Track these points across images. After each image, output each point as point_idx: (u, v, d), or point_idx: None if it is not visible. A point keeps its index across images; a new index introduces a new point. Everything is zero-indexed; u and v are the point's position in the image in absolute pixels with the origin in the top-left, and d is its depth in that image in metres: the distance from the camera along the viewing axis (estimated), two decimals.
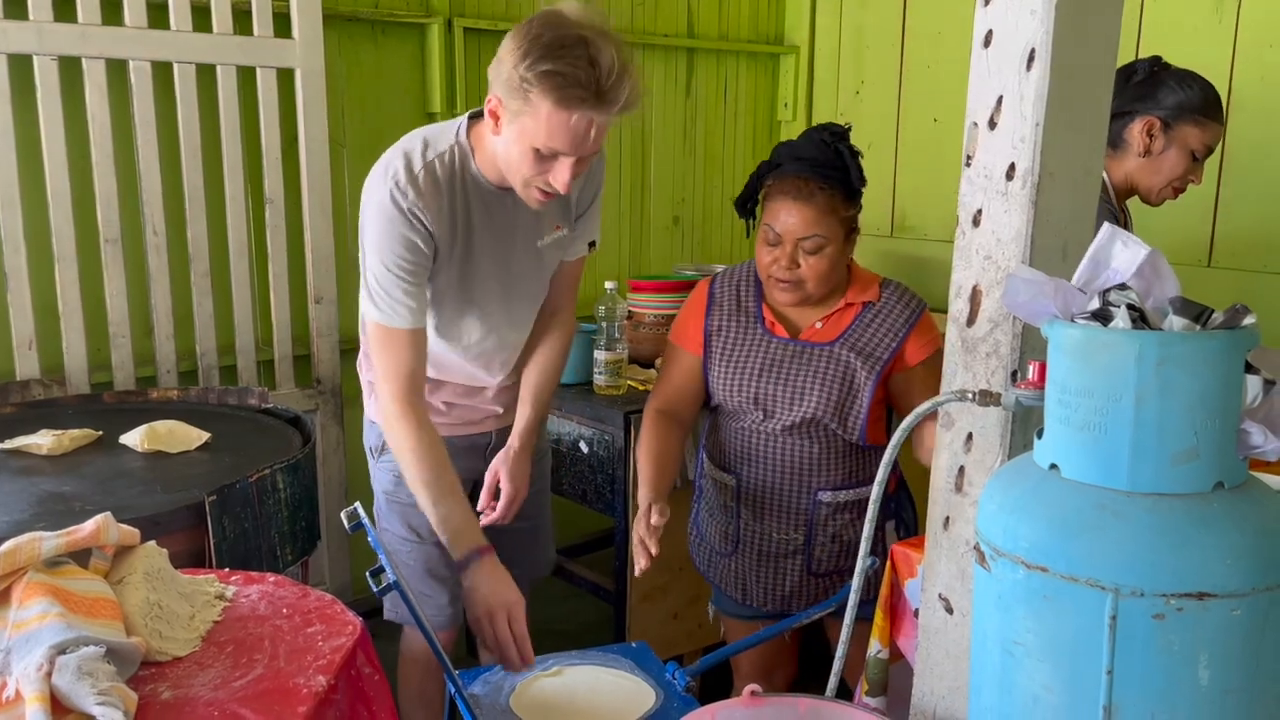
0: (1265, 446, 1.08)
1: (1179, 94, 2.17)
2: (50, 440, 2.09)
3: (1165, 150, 2.18)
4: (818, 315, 2.01)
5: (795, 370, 1.98)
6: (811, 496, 2.03)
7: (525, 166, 1.70)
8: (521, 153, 1.68)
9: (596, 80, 1.60)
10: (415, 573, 2.08)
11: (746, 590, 2.13)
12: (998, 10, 1.33)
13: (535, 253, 1.95)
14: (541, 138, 1.64)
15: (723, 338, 2.05)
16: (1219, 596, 1.03)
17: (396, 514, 2.07)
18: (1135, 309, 1.09)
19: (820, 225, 1.89)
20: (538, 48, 1.59)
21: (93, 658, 1.15)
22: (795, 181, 1.90)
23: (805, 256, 1.91)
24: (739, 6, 3.97)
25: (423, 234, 1.77)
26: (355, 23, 3.03)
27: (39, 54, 2.44)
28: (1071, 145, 1.33)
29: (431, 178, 1.77)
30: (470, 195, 1.83)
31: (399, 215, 1.75)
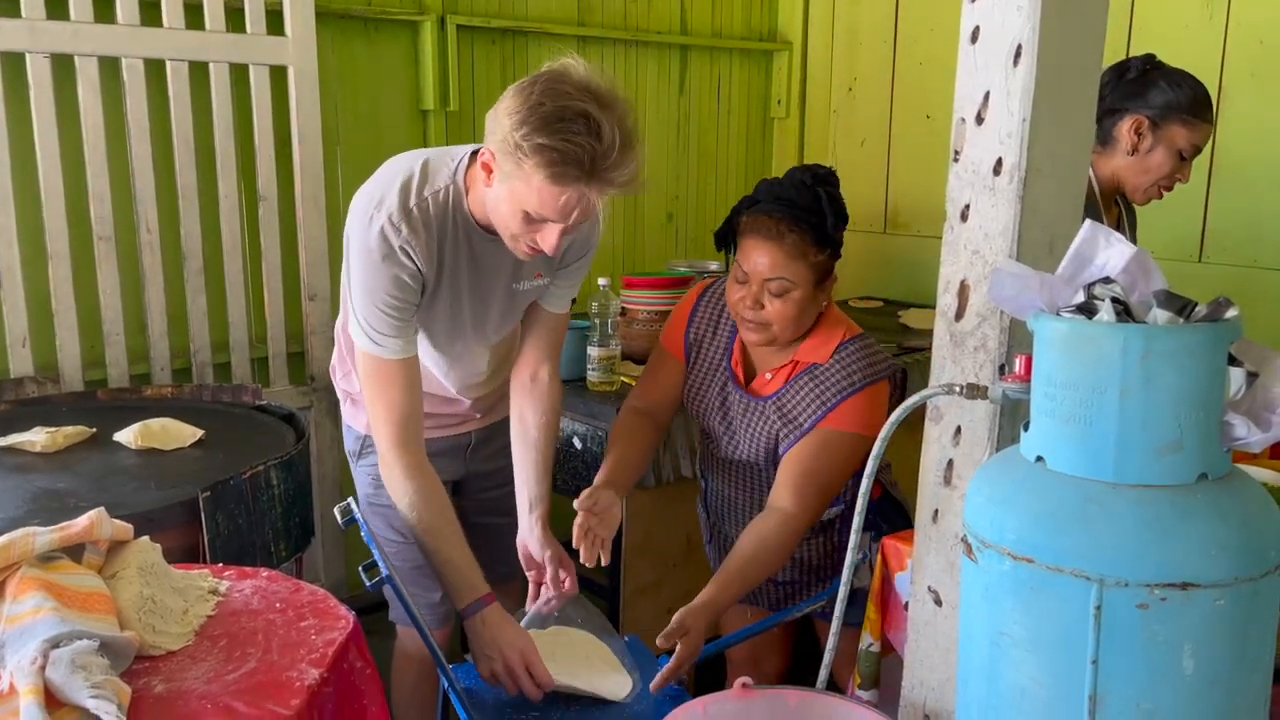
0: (1249, 438, 1.10)
1: (1168, 94, 2.18)
2: (44, 437, 2.10)
3: (1153, 149, 2.20)
4: (773, 364, 1.96)
5: (737, 416, 2.00)
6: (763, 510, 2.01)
7: (514, 225, 1.66)
8: (511, 212, 1.64)
9: (594, 160, 1.54)
10: (403, 573, 2.07)
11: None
12: (985, 6, 1.34)
13: (513, 294, 1.92)
14: (532, 205, 1.60)
15: (697, 353, 2.04)
16: (1202, 587, 1.04)
17: (379, 517, 2.06)
18: (1120, 302, 1.10)
19: (787, 269, 1.81)
20: (536, 117, 1.53)
21: (86, 651, 1.15)
22: (767, 221, 1.83)
23: (771, 299, 1.83)
24: (732, 3, 3.98)
25: (411, 271, 1.74)
26: (348, 20, 3.03)
27: (31, 51, 2.44)
28: (1058, 140, 1.34)
29: (424, 216, 1.74)
30: (459, 235, 1.79)
31: (390, 252, 1.71)
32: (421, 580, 2.09)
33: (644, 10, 3.71)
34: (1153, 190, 2.25)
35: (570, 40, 3.52)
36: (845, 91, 3.98)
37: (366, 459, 2.07)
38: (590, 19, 3.57)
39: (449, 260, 1.80)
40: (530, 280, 1.92)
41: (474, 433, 2.14)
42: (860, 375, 1.88)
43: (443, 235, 1.76)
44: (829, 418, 1.87)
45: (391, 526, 2.05)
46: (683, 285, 3.00)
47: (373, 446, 1.97)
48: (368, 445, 2.05)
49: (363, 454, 2.09)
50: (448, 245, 1.78)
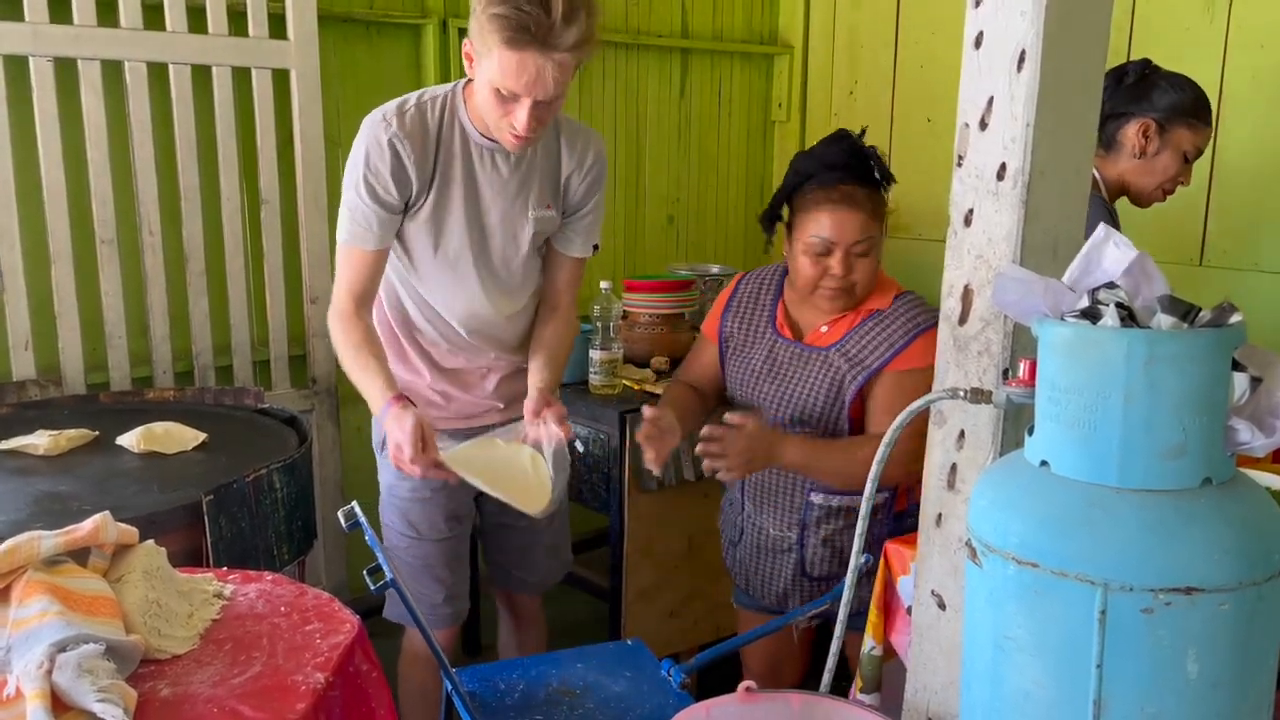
0: (1252, 442, 1.10)
1: (1173, 96, 2.19)
2: (47, 440, 2.10)
3: (1159, 152, 2.21)
4: (828, 318, 2.03)
5: (791, 371, 2.03)
6: (804, 496, 2.05)
7: (491, 108, 1.79)
8: (487, 95, 1.78)
9: (543, 24, 1.68)
10: (412, 570, 2.10)
11: (749, 581, 2.18)
12: (988, 11, 1.35)
13: (513, 221, 1.98)
14: (497, 78, 1.74)
15: (736, 335, 2.12)
16: (1206, 591, 1.05)
17: (396, 509, 2.10)
18: (1124, 307, 1.10)
19: (870, 228, 1.93)
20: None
21: (92, 655, 1.16)
22: (841, 190, 1.91)
23: (856, 260, 1.94)
24: (733, 7, 3.98)
25: (396, 165, 1.87)
26: (350, 23, 3.03)
27: (34, 55, 2.44)
28: (1062, 145, 1.34)
29: (420, 116, 1.89)
30: (455, 141, 1.92)
31: (380, 143, 1.87)
32: (427, 581, 2.10)
33: (645, 13, 3.72)
34: (1157, 194, 2.26)
35: None
36: (846, 95, 3.99)
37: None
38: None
39: (442, 163, 1.91)
40: (540, 209, 1.99)
41: (495, 426, 2.14)
42: (924, 318, 1.97)
43: (439, 136, 1.91)
44: (900, 358, 1.95)
45: (408, 520, 2.09)
46: (684, 288, 3.01)
47: None
48: None
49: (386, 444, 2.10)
50: (442, 147, 1.91)
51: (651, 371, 2.86)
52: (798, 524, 2.06)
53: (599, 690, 1.76)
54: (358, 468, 3.12)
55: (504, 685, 1.77)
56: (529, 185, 1.97)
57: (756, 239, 4.23)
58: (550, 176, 2.00)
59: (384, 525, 2.14)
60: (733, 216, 4.15)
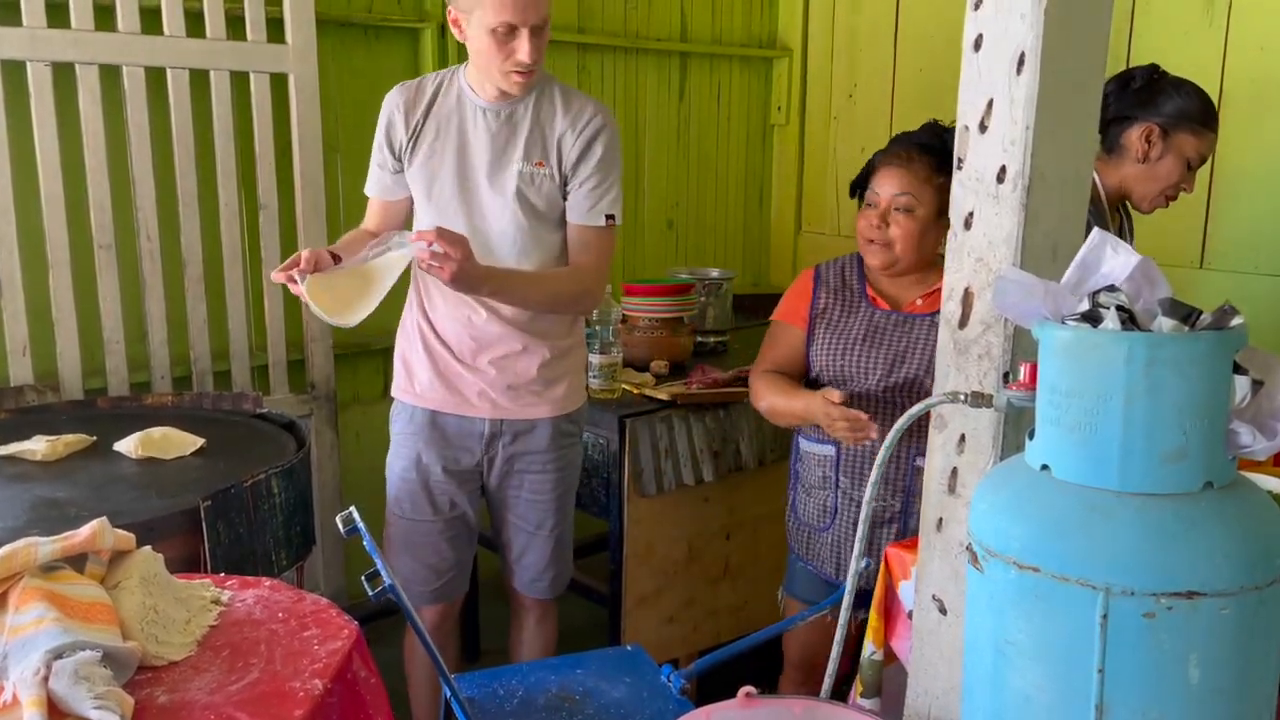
0: (1254, 446, 1.09)
1: (1179, 102, 2.18)
2: (44, 446, 2.09)
3: (1163, 157, 2.20)
4: (918, 293, 2.10)
5: (897, 337, 2.08)
6: (909, 462, 2.05)
7: (493, 53, 1.95)
8: (485, 42, 1.95)
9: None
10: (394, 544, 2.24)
11: (841, 563, 2.15)
12: (987, 14, 1.34)
13: (502, 175, 2.08)
14: (493, 17, 1.91)
15: (828, 314, 2.15)
16: (1208, 595, 1.04)
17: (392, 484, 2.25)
18: (1124, 310, 1.09)
19: (913, 188, 2.01)
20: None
21: (89, 662, 1.15)
22: (899, 152, 2.06)
23: (895, 215, 2.02)
24: (732, 10, 3.98)
25: (390, 124, 2.13)
26: (348, 27, 3.03)
27: (32, 60, 2.44)
28: (1061, 148, 1.34)
29: (420, 84, 2.14)
30: (451, 97, 2.11)
31: (386, 105, 2.15)
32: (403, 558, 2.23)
33: (644, 17, 3.72)
34: (1159, 199, 2.25)
35: (570, 47, 3.52)
36: (846, 98, 3.99)
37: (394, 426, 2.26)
38: (590, 26, 3.58)
39: (434, 121, 2.11)
40: (528, 164, 2.08)
41: (487, 420, 2.17)
42: None
43: (434, 94, 2.12)
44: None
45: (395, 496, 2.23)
46: (684, 292, 3.00)
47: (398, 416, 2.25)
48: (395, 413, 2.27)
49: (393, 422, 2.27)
50: (438, 102, 2.11)
51: (651, 375, 2.85)
52: (902, 491, 2.07)
53: (598, 696, 1.76)
54: (356, 472, 3.12)
55: (503, 691, 1.76)
56: (516, 139, 2.09)
57: (756, 242, 4.25)
58: (539, 134, 2.10)
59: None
60: (732, 220, 4.15)
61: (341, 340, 3.07)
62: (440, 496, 2.21)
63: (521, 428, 2.19)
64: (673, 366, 2.92)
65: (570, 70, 3.54)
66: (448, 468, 2.20)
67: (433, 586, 2.24)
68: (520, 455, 2.21)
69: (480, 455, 2.20)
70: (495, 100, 2.07)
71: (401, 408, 2.23)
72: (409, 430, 2.21)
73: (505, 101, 2.07)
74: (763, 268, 4.26)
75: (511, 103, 2.07)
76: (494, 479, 2.23)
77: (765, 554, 2.90)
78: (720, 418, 2.74)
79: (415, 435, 2.20)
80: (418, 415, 2.19)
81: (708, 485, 2.74)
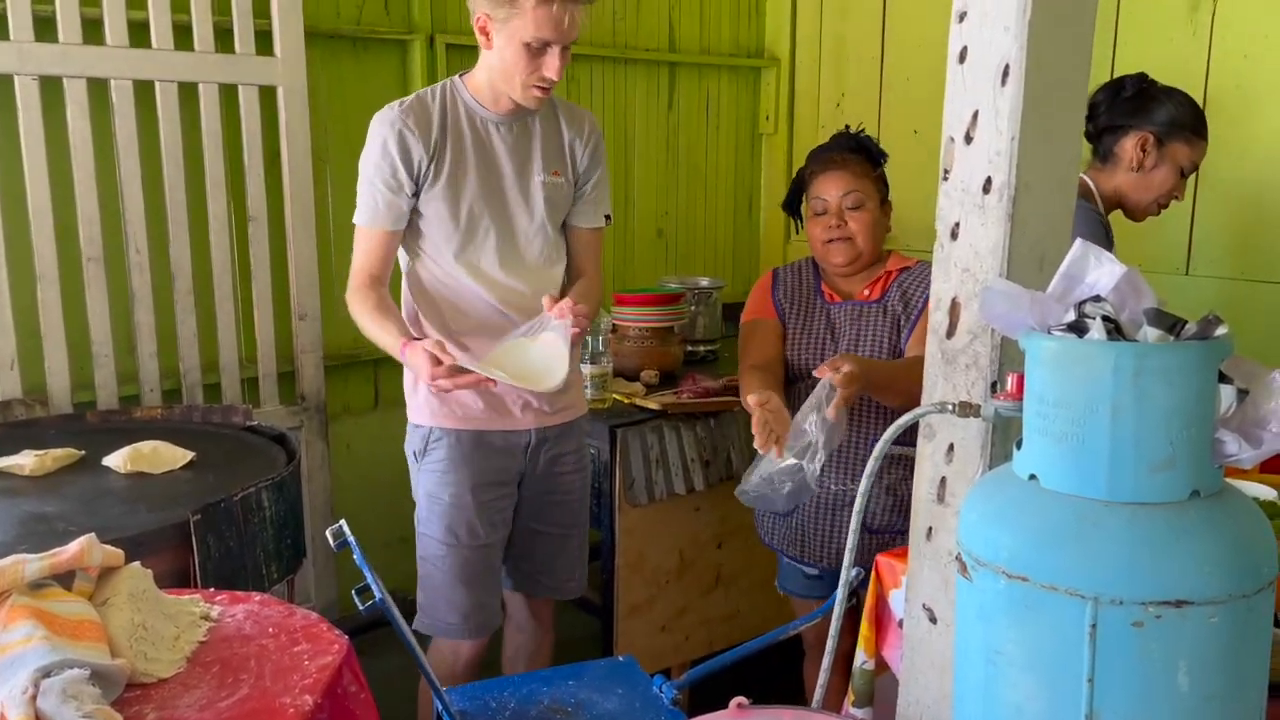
0: (1240, 454, 1.10)
1: (1171, 110, 2.20)
2: (33, 461, 2.08)
3: (1157, 166, 2.22)
4: (864, 283, 2.22)
5: (853, 327, 2.20)
6: (868, 447, 2.11)
7: (520, 66, 1.95)
8: (515, 53, 1.94)
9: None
10: (446, 579, 2.15)
11: (805, 545, 2.23)
12: (972, 26, 1.35)
13: (528, 188, 2.10)
14: (530, 32, 1.90)
15: (790, 311, 2.27)
16: (1197, 604, 1.04)
17: (437, 516, 2.14)
18: (1110, 320, 1.10)
19: (857, 184, 2.16)
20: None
21: (78, 680, 1.15)
22: (829, 158, 2.20)
23: (850, 213, 2.16)
24: (720, 20, 4.00)
25: (402, 146, 2.00)
26: (337, 40, 3.03)
27: (20, 74, 2.44)
28: (1047, 159, 1.35)
29: (421, 102, 2.05)
30: (461, 114, 2.06)
31: (387, 129, 2.01)
32: (461, 590, 2.15)
33: (632, 28, 3.73)
34: (1152, 207, 2.26)
35: None
36: (833, 107, 4.00)
37: (431, 455, 2.14)
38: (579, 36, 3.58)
39: (451, 134, 2.05)
40: (548, 175, 2.11)
41: (533, 430, 2.16)
42: None
43: (443, 114, 2.05)
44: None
45: (448, 527, 2.14)
46: (674, 302, 3.01)
47: (438, 444, 2.12)
48: (433, 442, 2.14)
49: (427, 451, 2.15)
50: (449, 122, 2.05)
51: (641, 385, 2.85)
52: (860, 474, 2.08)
53: (591, 708, 1.75)
54: (347, 486, 3.11)
55: (495, 704, 1.76)
56: (533, 151, 2.11)
57: (745, 251, 4.26)
58: (553, 143, 2.13)
59: (421, 536, 2.18)
60: (722, 229, 4.16)
61: (332, 352, 3.07)
62: (496, 515, 2.16)
63: (559, 432, 2.21)
64: (663, 376, 2.92)
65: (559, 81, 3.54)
66: (499, 481, 2.15)
67: (488, 616, 2.18)
68: (559, 458, 2.22)
69: (524, 466, 2.19)
70: (508, 113, 2.07)
71: (441, 434, 2.12)
72: (455, 456, 2.12)
73: (517, 114, 2.08)
74: (752, 276, 4.26)
75: (523, 115, 2.09)
76: (531, 488, 2.21)
77: (757, 562, 2.90)
78: (711, 427, 2.74)
79: (463, 460, 2.11)
80: (464, 439, 2.12)
81: (699, 494, 2.75)
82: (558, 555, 2.28)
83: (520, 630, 2.40)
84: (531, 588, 2.32)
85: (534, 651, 2.39)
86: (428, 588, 2.17)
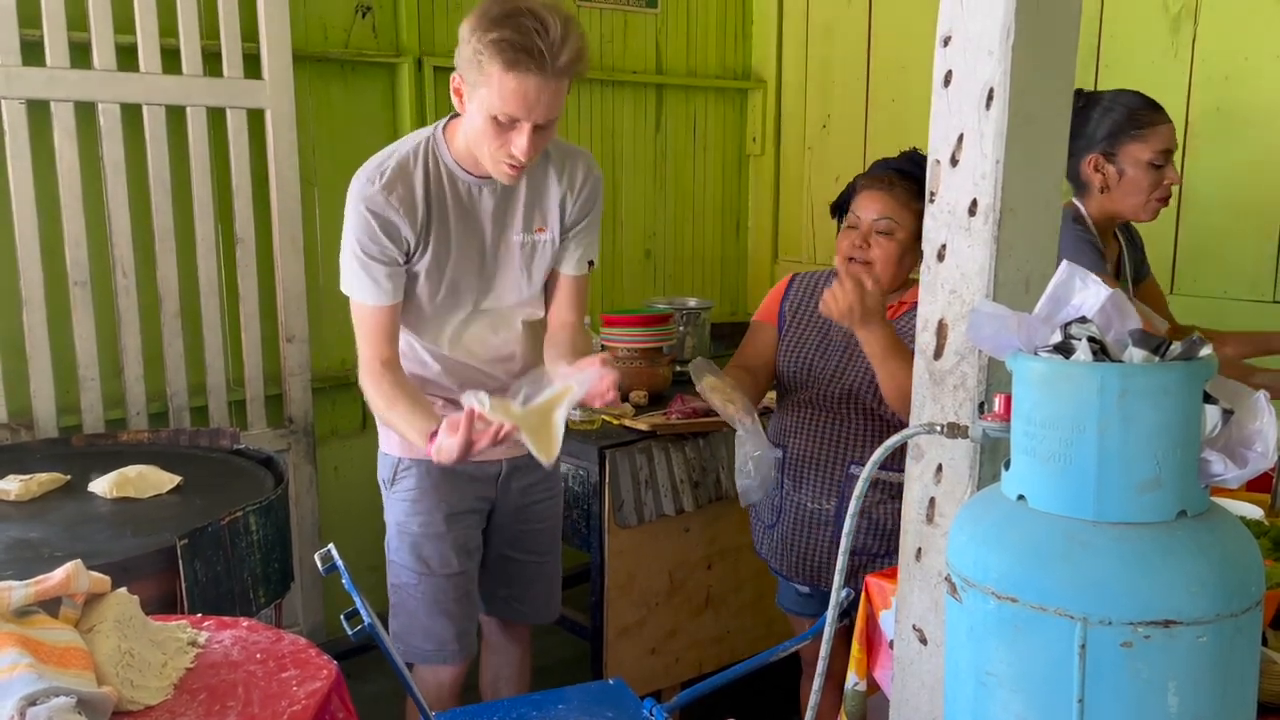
0: (1226, 474, 1.11)
1: (1104, 121, 2.15)
2: (18, 486, 2.07)
3: (1122, 175, 2.17)
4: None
5: (846, 348, 2.16)
6: (844, 469, 2.14)
7: (488, 138, 1.81)
8: (483, 123, 1.80)
9: (542, 44, 1.71)
10: (422, 605, 2.12)
11: (784, 559, 2.24)
12: (956, 50, 1.37)
13: (512, 246, 2.02)
14: (496, 104, 1.75)
15: (792, 321, 2.26)
16: (1185, 624, 1.05)
17: (407, 545, 2.11)
18: (1096, 342, 1.11)
19: (892, 210, 2.08)
20: (486, 20, 1.73)
21: (64, 709, 1.14)
22: (880, 176, 2.14)
23: (877, 238, 2.09)
24: (706, 43, 4.03)
25: (389, 228, 1.89)
26: (325, 63, 3.04)
27: (6, 98, 2.43)
28: (1031, 181, 1.36)
29: (404, 172, 1.91)
30: (444, 182, 1.94)
31: (370, 210, 1.89)
32: (438, 618, 2.12)
33: (619, 50, 3.75)
34: (1150, 206, 2.19)
35: None
36: (820, 128, 4.03)
37: (401, 484, 2.11)
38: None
39: (435, 208, 1.94)
40: (531, 234, 2.02)
41: (505, 461, 2.15)
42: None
43: (426, 183, 1.92)
44: None
45: (418, 556, 2.10)
46: (662, 322, 3.01)
47: (407, 473, 2.08)
48: (402, 471, 2.10)
49: (396, 480, 2.12)
50: (432, 192, 1.93)
51: (630, 406, 2.85)
52: (835, 495, 2.15)
53: None
54: (335, 508, 3.10)
55: None
56: (514, 209, 2.01)
57: (733, 272, 4.27)
58: (540, 199, 2.03)
59: (391, 563, 2.15)
60: (709, 250, 4.17)
61: (319, 374, 3.06)
62: (470, 543, 2.15)
63: (530, 460, 2.17)
64: (652, 397, 2.93)
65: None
66: (470, 509, 2.13)
67: (466, 642, 2.16)
68: (530, 487, 2.20)
69: (495, 496, 2.18)
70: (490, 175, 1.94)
71: (410, 463, 2.09)
72: (425, 485, 2.09)
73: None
74: (740, 297, 4.28)
75: None
76: (504, 516, 2.20)
77: (747, 583, 2.90)
78: (700, 447, 2.75)
79: (432, 489, 2.09)
80: (433, 469, 2.07)
81: (688, 515, 2.75)
82: (534, 581, 2.27)
83: (497, 653, 2.39)
84: (508, 613, 2.31)
85: (512, 675, 2.37)
86: (401, 614, 2.15)
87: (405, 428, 1.90)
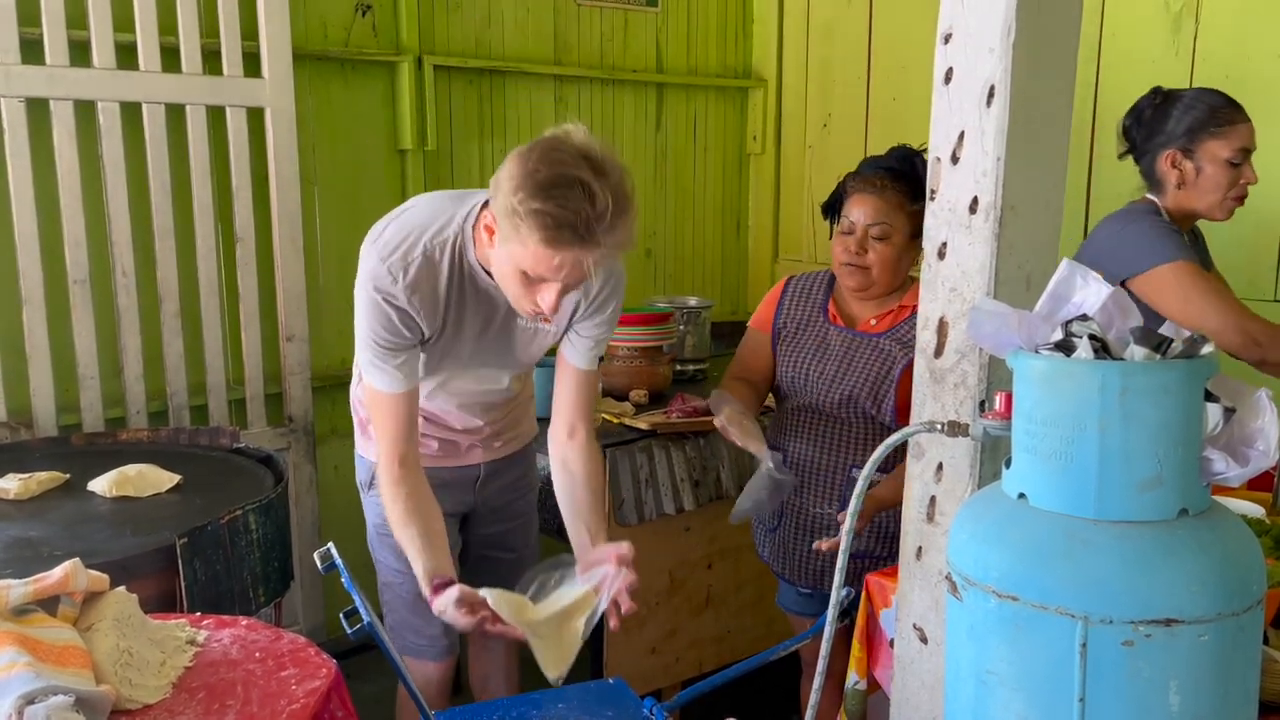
0: (1227, 473, 1.11)
1: (1185, 118, 2.18)
2: (17, 484, 2.06)
3: (1200, 172, 2.18)
4: (875, 313, 2.17)
5: (844, 355, 2.15)
6: (845, 473, 2.13)
7: (514, 286, 1.69)
8: (510, 273, 1.67)
9: (587, 224, 1.56)
10: (406, 603, 2.10)
11: (786, 562, 2.25)
12: (957, 48, 1.36)
13: (513, 329, 1.94)
14: (528, 265, 1.62)
15: (789, 325, 2.24)
16: (1186, 623, 1.05)
17: (388, 546, 2.08)
18: (1097, 339, 1.11)
19: (888, 216, 2.07)
20: (532, 183, 1.56)
21: (62, 707, 1.13)
22: (871, 179, 2.11)
23: (873, 243, 2.08)
24: (707, 42, 4.02)
25: (405, 316, 1.78)
26: (325, 61, 3.04)
27: (6, 97, 2.43)
28: (1032, 179, 1.36)
29: (428, 267, 1.78)
30: (465, 282, 1.83)
31: (385, 299, 1.76)
32: (424, 612, 2.09)
33: (620, 49, 3.75)
34: (1227, 204, 2.21)
35: (547, 79, 3.54)
36: (820, 127, 4.02)
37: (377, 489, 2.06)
38: (567, 58, 3.60)
39: (454, 305, 1.83)
40: (536, 321, 1.90)
41: (483, 465, 2.15)
42: None
43: (449, 282, 1.80)
44: None
45: (398, 554, 2.06)
46: (663, 321, 3.01)
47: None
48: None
49: (373, 484, 2.09)
50: (453, 290, 1.82)
51: (630, 405, 2.85)
52: (838, 499, 2.14)
53: None
54: (335, 506, 3.09)
55: None
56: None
57: (734, 271, 4.27)
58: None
59: (376, 561, 2.14)
60: (710, 249, 4.17)
61: (319, 373, 3.06)
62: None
63: (508, 462, 2.19)
64: (652, 396, 2.92)
65: (548, 102, 3.56)
66: (447, 512, 2.04)
67: (451, 639, 2.14)
68: (506, 487, 2.20)
69: (473, 500, 2.17)
70: None
71: None
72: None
73: None
74: (740, 296, 4.28)
75: None
76: (483, 518, 2.20)
77: (747, 583, 2.90)
78: (700, 446, 2.74)
79: None
80: None
81: (689, 514, 2.74)
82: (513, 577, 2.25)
83: (484, 650, 2.38)
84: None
85: (500, 671, 2.37)
86: (390, 610, 2.15)
87: (412, 557, 1.82)
